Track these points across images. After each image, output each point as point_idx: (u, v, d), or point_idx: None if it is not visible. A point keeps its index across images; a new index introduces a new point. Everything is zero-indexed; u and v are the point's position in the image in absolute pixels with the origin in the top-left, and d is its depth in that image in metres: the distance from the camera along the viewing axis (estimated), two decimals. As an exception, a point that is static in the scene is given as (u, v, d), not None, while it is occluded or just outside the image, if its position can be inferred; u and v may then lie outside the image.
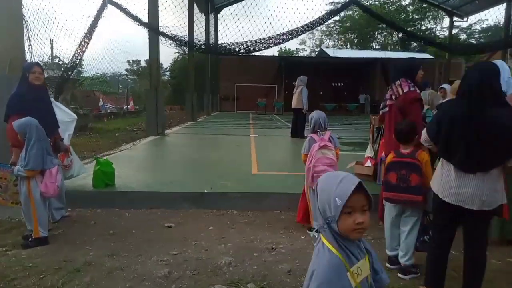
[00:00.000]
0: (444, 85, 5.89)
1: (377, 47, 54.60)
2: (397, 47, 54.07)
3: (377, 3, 54.08)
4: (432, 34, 56.51)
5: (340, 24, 59.86)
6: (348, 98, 31.14)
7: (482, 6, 27.08)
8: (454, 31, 51.72)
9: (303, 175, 5.26)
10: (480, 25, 45.13)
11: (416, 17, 56.59)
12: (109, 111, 29.26)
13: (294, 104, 10.21)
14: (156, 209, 4.19)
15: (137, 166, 6.02)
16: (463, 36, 46.42)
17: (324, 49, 41.10)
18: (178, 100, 31.72)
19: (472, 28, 49.45)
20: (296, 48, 61.34)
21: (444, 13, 54.31)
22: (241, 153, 7.40)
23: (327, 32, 62.57)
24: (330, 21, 61.23)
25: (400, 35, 56.83)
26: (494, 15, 21.49)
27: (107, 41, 23.15)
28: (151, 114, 10.12)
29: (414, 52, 48.05)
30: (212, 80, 24.93)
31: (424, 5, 49.65)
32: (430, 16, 56.84)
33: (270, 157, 6.99)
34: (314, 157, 3.38)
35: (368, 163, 5.09)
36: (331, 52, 35.61)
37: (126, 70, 51.39)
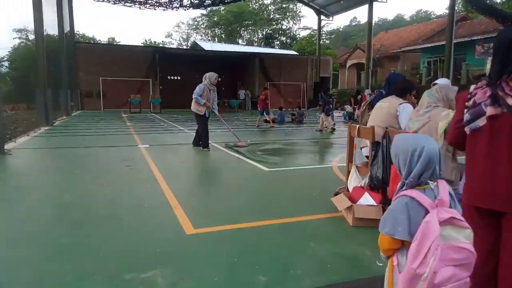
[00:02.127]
0: (438, 81, 4.51)
1: (243, 43, 55.56)
2: (262, 44, 55.91)
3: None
4: (292, 33, 60.63)
5: (207, 19, 59.24)
6: (227, 94, 29.95)
7: (345, 7, 29.08)
8: (306, 32, 56.29)
9: (284, 225, 3.19)
10: (326, 28, 49.57)
11: (278, 16, 59.76)
12: None
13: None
14: None
15: None
16: (315, 39, 50.54)
17: (198, 42, 39.01)
18: (23, 97, 25.38)
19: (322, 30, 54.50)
20: (162, 41, 58.15)
21: (301, 14, 58.51)
22: (141, 182, 4.85)
23: (194, 26, 61.19)
24: (197, 14, 60.06)
25: (265, 33, 59.15)
26: (338, 21, 23.26)
27: None
28: (-21, 123, 6.50)
29: (278, 49, 50.04)
30: (70, 73, 20.34)
31: (288, 5, 52.43)
32: (290, 16, 60.80)
33: (196, 189, 4.67)
34: (432, 250, 1.39)
35: (367, 198, 3.35)
36: (208, 46, 33.82)
37: None
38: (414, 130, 3.15)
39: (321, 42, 46.95)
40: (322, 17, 30.51)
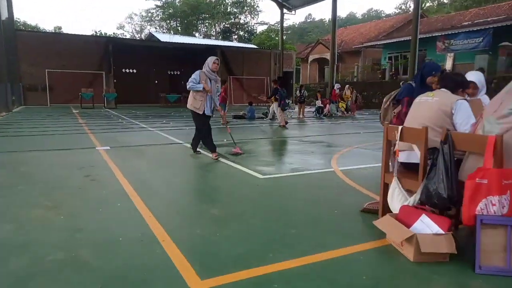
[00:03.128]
0: (469, 75, 3.72)
1: (200, 37, 54.10)
2: (220, 37, 54.73)
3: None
4: (249, 28, 59.94)
5: (162, 10, 57.02)
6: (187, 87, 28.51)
7: (308, 0, 28.65)
8: (264, 27, 55.76)
9: (322, 266, 2.21)
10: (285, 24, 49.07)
11: (235, 10, 58.75)
12: None
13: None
14: None
15: None
16: (273, 34, 50.37)
17: (154, 33, 36.96)
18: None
19: (275, 25, 54.46)
20: (114, 33, 55.10)
21: (259, 9, 57.76)
22: (108, 200, 3.73)
23: (148, 18, 58.62)
24: (151, 5, 57.20)
25: (222, 26, 57.89)
26: (293, 17, 23.02)
27: None
28: None
29: (236, 43, 49.06)
30: (9, 63, 18.06)
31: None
32: (247, 11, 60.02)
33: (182, 209, 3.59)
34: None
35: (428, 223, 2.54)
36: (166, 38, 32.02)
37: None
38: (495, 135, 2.38)
39: (277, 37, 46.55)
40: (285, 11, 29.87)
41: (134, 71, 27.60)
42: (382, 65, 26.87)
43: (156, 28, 57.81)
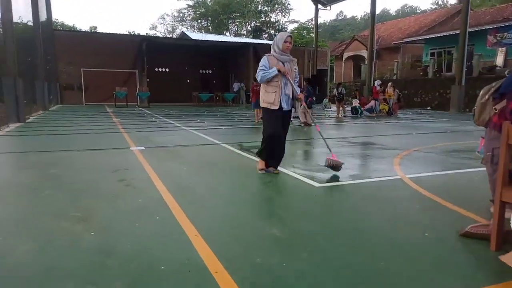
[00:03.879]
0: None
1: (231, 35, 54.00)
2: (250, 36, 54.30)
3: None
4: (280, 26, 59.15)
5: (193, 10, 57.35)
6: (220, 87, 28.20)
7: (344, -4, 27.54)
8: (294, 25, 54.84)
9: None
10: (313, 22, 48.31)
11: (266, 8, 58.16)
12: None
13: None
14: None
15: None
16: (304, 32, 49.50)
17: (186, 32, 36.97)
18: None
19: (306, 23, 53.62)
20: (146, 33, 55.95)
21: (290, 7, 57.04)
22: (145, 212, 3.17)
23: (179, 18, 59.12)
24: (183, 5, 57.59)
25: (253, 25, 57.43)
26: (324, 16, 22.05)
27: None
28: None
29: (267, 40, 48.23)
30: (48, 63, 18.29)
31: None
32: (278, 9, 59.27)
33: (232, 225, 2.96)
34: None
35: None
36: (199, 37, 31.85)
37: None
38: None
39: (308, 35, 45.53)
40: (320, 6, 28.94)
41: (167, 70, 27.60)
42: (423, 61, 25.38)
43: (187, 27, 58.32)
